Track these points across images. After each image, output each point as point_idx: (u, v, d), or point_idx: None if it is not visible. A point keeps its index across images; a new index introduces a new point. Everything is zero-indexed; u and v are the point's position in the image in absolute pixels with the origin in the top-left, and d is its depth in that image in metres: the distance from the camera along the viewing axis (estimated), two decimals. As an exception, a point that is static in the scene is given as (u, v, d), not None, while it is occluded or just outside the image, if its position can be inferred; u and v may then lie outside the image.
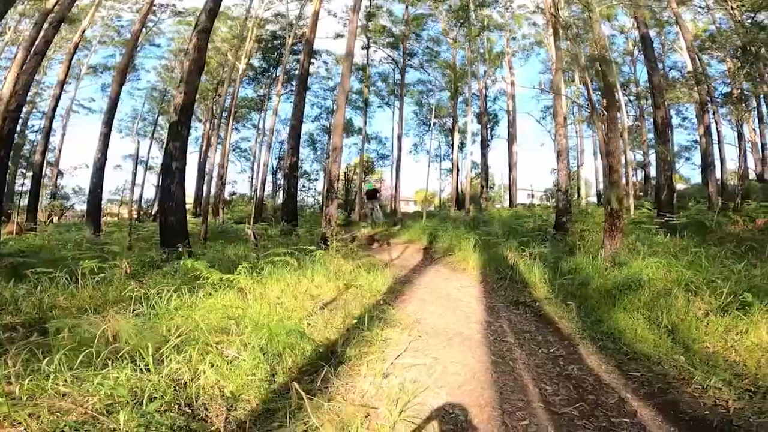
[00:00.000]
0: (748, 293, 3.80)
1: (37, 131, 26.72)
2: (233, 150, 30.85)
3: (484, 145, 25.38)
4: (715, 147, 19.26)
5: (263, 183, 22.72)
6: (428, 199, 32.26)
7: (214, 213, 19.78)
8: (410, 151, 32.37)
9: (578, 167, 25.96)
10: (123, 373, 2.38)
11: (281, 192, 32.03)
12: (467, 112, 23.91)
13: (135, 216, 30.16)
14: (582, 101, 19.98)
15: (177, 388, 2.51)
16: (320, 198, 35.05)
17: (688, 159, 28.19)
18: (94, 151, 15.09)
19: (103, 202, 18.45)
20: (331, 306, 4.85)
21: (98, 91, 31.54)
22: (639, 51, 21.50)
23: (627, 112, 22.19)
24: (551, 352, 3.83)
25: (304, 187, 32.87)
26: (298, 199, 19.65)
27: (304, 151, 30.55)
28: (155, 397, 2.31)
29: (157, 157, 32.84)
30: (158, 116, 32.28)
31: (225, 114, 22.37)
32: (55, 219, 24.58)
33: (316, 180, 35.45)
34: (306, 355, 3.23)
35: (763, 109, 17.87)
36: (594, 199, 27.56)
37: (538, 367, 3.46)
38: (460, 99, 25.39)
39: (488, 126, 26.97)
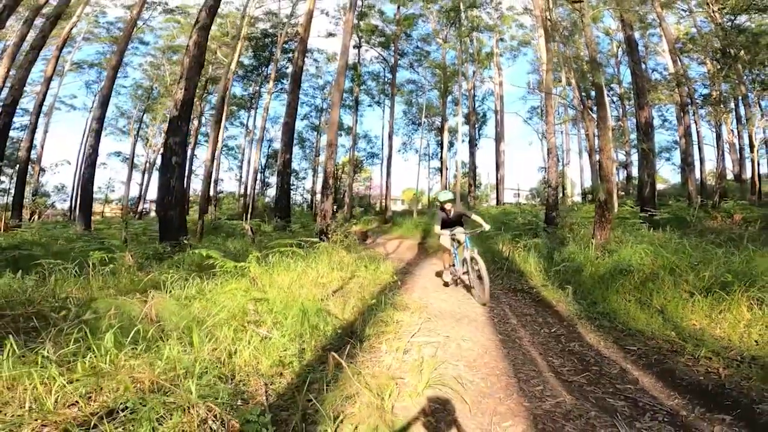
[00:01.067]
0: (729, 274, 4.14)
1: (18, 128, 26.15)
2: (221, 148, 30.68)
3: (473, 145, 25.81)
4: (695, 147, 19.95)
5: (254, 180, 22.71)
6: (417, 197, 32.57)
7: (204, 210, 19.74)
8: (399, 150, 32.68)
9: (564, 166, 26.56)
10: (175, 349, 2.55)
11: (269, 189, 32.01)
12: (456, 112, 24.26)
13: (120, 214, 29.85)
14: (568, 101, 20.51)
15: (219, 364, 2.69)
16: (309, 196, 35.10)
17: (668, 159, 29.04)
18: (77, 147, 15.13)
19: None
20: (339, 293, 5.06)
21: (82, 87, 30.90)
22: (623, 53, 22.12)
23: (610, 113, 22.76)
24: (552, 331, 4.11)
25: (293, 185, 32.91)
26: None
27: (293, 150, 30.54)
28: (204, 372, 2.49)
29: (141, 155, 32.46)
30: (143, 114, 31.77)
31: (214, 112, 22.28)
32: (36, 217, 24.21)
33: (304, 178, 35.53)
34: (327, 335, 3.44)
35: (741, 110, 18.58)
36: (579, 198, 28.23)
37: (542, 344, 3.74)
38: (450, 98, 25.76)
39: (476, 126, 27.42)
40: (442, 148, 26.33)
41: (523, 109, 43.61)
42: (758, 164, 18.16)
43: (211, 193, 23.54)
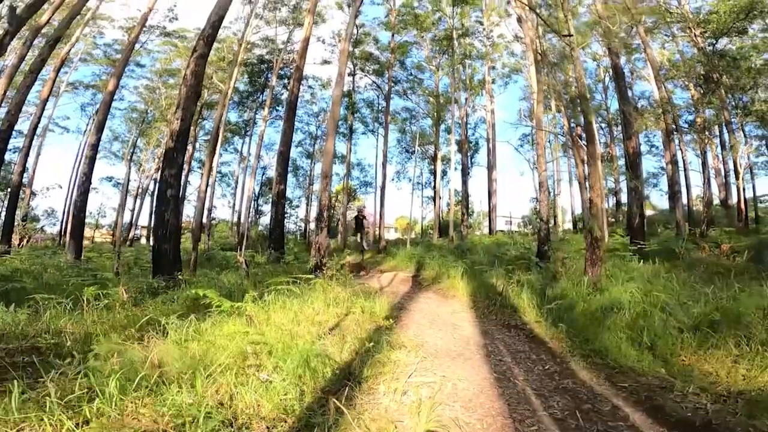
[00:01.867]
0: (717, 312, 4.30)
1: (10, 150, 26.10)
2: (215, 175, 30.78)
3: (465, 173, 26.18)
4: (681, 174, 20.46)
5: (248, 209, 22.78)
6: (410, 226, 32.74)
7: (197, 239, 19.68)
8: (392, 179, 32.98)
9: (554, 197, 26.96)
10: (180, 395, 2.59)
11: (262, 218, 31.98)
12: (450, 141, 24.70)
13: (111, 240, 29.55)
14: (559, 130, 21.06)
15: (221, 408, 2.73)
16: (302, 225, 35.12)
17: (655, 185, 29.71)
18: (68, 170, 15.34)
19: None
20: (335, 332, 5.08)
21: (76, 109, 31.07)
22: (610, 79, 22.83)
23: (599, 139, 23.23)
24: (546, 369, 4.19)
25: (286, 213, 32.98)
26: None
27: (288, 179, 30.76)
28: (208, 418, 2.50)
29: (134, 180, 32.39)
30: (137, 138, 31.76)
31: (208, 138, 22.53)
32: (25, 241, 23.96)
33: (297, 206, 35.58)
34: (326, 378, 3.48)
35: (725, 136, 19.13)
36: (569, 225, 28.58)
37: (536, 381, 3.81)
38: (443, 127, 26.33)
39: (469, 154, 27.90)
40: (435, 176, 26.66)
41: (515, 136, 44.59)
42: (743, 191, 18.65)
43: (204, 221, 23.52)
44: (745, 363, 3.67)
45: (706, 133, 18.70)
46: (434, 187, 26.69)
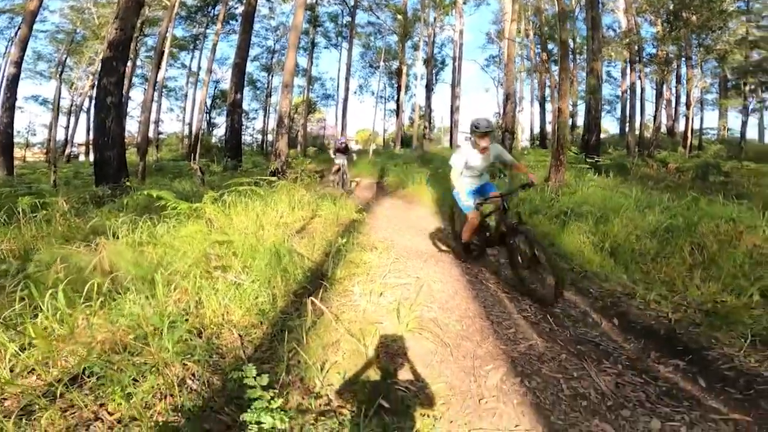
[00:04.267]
0: (679, 217, 4.46)
1: None
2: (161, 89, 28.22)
3: (429, 89, 25.51)
4: (637, 102, 20.95)
5: (200, 120, 21.21)
6: (372, 138, 32.45)
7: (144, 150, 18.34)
8: (355, 92, 31.83)
9: (515, 113, 27.03)
10: (138, 304, 2.32)
11: (216, 129, 30.35)
12: (416, 57, 23.51)
13: (45, 158, 27.22)
14: (526, 52, 20.54)
15: (186, 317, 2.47)
16: (259, 136, 33.75)
17: (608, 112, 30.56)
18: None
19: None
20: (302, 234, 4.88)
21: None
22: (580, 9, 22.18)
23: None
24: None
25: (242, 125, 31.39)
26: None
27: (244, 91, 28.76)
28: (172, 327, 2.22)
29: (65, 97, 29.33)
30: (66, 58, 28.32)
31: (152, 53, 20.09)
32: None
33: (254, 119, 33.98)
34: (298, 279, 3.30)
35: (683, 70, 19.57)
36: (527, 143, 29.18)
37: (507, 284, 3.87)
38: (409, 43, 25.02)
39: (434, 71, 26.95)
40: (399, 91, 25.89)
41: (481, 57, 43.50)
42: (692, 121, 19.56)
43: (152, 134, 21.81)
44: (699, 272, 3.76)
45: (667, 66, 18.98)
46: (398, 101, 25.98)
